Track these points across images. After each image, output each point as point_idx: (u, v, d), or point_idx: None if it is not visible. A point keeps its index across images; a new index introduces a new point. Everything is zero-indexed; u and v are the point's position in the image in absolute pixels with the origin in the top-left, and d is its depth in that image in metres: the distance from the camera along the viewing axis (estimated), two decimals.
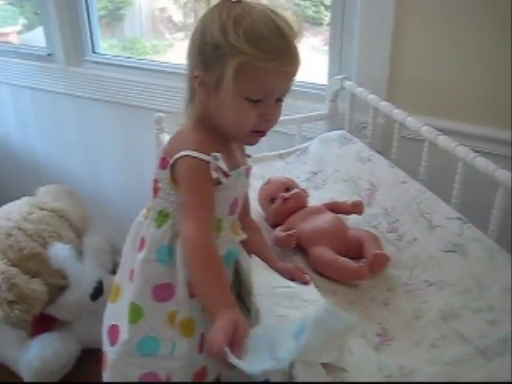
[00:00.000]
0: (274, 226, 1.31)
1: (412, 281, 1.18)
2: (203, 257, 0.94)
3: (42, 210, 1.96)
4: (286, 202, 1.29)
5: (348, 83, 1.62)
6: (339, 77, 1.65)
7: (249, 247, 1.15)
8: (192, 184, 0.98)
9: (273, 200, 1.32)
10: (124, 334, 1.08)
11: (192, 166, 0.98)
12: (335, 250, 1.20)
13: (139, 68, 2.14)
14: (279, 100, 1.02)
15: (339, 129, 1.68)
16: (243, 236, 1.12)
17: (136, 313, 1.07)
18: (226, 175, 0.98)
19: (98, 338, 2.10)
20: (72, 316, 2.04)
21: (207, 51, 0.97)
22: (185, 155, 0.98)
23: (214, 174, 0.96)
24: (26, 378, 1.95)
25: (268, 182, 1.36)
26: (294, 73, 1.00)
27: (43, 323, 2.00)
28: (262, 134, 1.04)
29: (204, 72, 0.99)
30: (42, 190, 2.08)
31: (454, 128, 1.48)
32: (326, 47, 1.80)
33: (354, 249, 1.22)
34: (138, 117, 2.17)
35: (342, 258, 1.17)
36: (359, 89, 1.58)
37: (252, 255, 1.14)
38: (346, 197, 1.41)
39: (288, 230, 1.24)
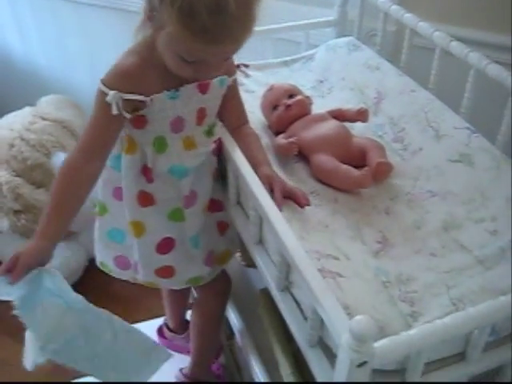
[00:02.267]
0: (277, 133, 1.28)
1: (415, 191, 1.16)
2: (62, 181, 1.02)
3: (45, 120, 1.94)
4: (288, 108, 1.25)
5: None
6: None
7: (243, 154, 1.12)
8: (92, 114, 1.04)
9: (275, 107, 1.28)
10: (96, 224, 1.27)
11: (97, 97, 1.02)
12: (338, 158, 1.17)
13: None
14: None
15: (348, 36, 1.61)
16: (203, 149, 1.14)
17: (102, 208, 1.23)
18: (144, 103, 1.02)
19: None
20: (78, 226, 2.06)
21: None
22: (99, 87, 1.01)
23: (114, 111, 0.99)
24: None
25: (271, 89, 1.31)
26: (233, 48, 0.96)
27: None
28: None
29: (151, 9, 0.94)
30: (44, 100, 2.05)
31: (469, 36, 1.40)
32: None
33: (358, 157, 1.19)
34: None
35: (345, 166, 1.15)
36: None
37: None
38: (351, 105, 1.36)
39: (290, 138, 1.21)
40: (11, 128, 1.91)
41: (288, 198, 1.05)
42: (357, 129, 1.30)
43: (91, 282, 2.10)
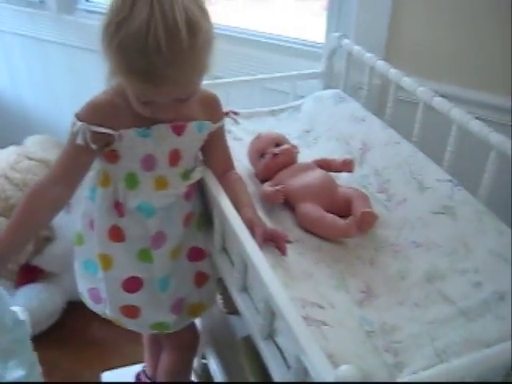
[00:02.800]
0: (264, 181, 1.29)
1: (399, 241, 1.17)
2: (25, 202, 1.05)
3: (30, 159, 1.94)
4: (275, 157, 1.27)
5: (345, 41, 1.58)
6: (337, 34, 1.61)
7: (229, 197, 1.12)
8: (65, 144, 1.08)
9: (262, 155, 1.29)
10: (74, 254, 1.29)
11: (70, 129, 1.05)
12: (324, 207, 1.18)
13: None
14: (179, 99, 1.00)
15: (333, 88, 1.65)
16: (175, 191, 1.14)
17: (79, 238, 1.25)
18: (112, 138, 1.04)
19: None
20: (58, 267, 2.03)
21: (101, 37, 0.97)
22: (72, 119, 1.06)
23: (79, 140, 1.02)
24: None
25: (258, 137, 1.33)
26: (179, 90, 0.97)
27: (29, 274, 1.99)
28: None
29: None
30: (30, 140, 2.05)
31: (451, 92, 1.45)
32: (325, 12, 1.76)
33: (343, 207, 1.20)
34: None
35: (330, 215, 1.16)
36: (356, 47, 1.54)
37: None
38: (337, 156, 1.38)
39: (276, 186, 1.22)
40: None
41: (270, 241, 1.05)
42: (342, 179, 1.32)
43: (69, 325, 2.07)
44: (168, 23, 0.89)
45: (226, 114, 1.21)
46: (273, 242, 1.05)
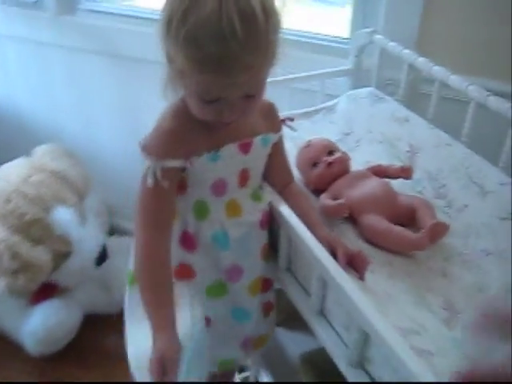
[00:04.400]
0: (315, 191, 1.23)
1: (468, 250, 1.12)
2: (147, 265, 0.95)
3: (42, 171, 1.83)
4: (330, 166, 1.21)
5: (378, 37, 1.52)
6: (367, 30, 1.55)
7: (295, 212, 1.06)
8: (140, 185, 0.97)
9: (315, 164, 1.23)
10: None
11: (144, 170, 0.95)
12: (386, 218, 1.13)
13: (139, 17, 1.98)
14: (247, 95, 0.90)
15: (362, 86, 1.59)
16: (249, 217, 1.06)
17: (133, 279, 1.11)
18: (183, 169, 0.97)
19: (100, 302, 2.05)
20: (74, 281, 1.95)
21: (163, 38, 0.88)
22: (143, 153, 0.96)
23: (152, 179, 0.93)
24: (29, 346, 1.87)
25: (308, 146, 1.26)
26: (249, 81, 0.87)
27: (45, 290, 1.90)
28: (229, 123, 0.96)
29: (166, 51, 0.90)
30: (39, 151, 1.94)
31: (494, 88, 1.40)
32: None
33: (405, 216, 1.15)
34: (137, 70, 2.02)
35: (398, 227, 1.10)
36: (391, 43, 1.48)
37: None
38: (383, 159, 1.33)
39: (334, 197, 1.16)
40: (7, 181, 1.79)
41: (350, 264, 0.99)
42: (394, 185, 1.26)
43: (86, 339, 2.00)
44: (241, 5, 0.80)
45: (282, 121, 1.14)
46: (352, 265, 0.99)
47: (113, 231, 2.29)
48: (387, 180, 1.22)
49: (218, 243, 1.04)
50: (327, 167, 1.21)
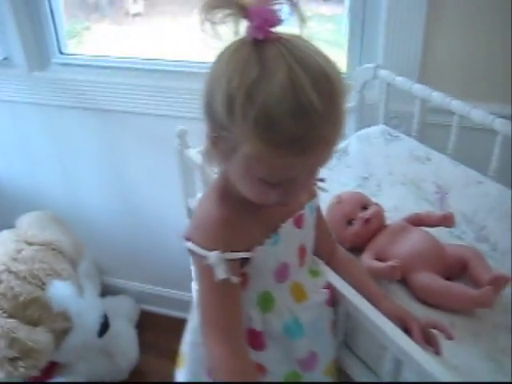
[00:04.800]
0: (351, 249, 1.15)
1: None
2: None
3: (31, 244, 1.68)
4: (367, 223, 1.13)
5: (383, 72, 1.46)
6: (371, 65, 1.48)
7: (348, 282, 0.98)
8: (201, 288, 0.86)
9: (350, 221, 1.15)
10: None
11: (200, 267, 0.84)
12: (436, 273, 1.05)
13: (114, 67, 1.87)
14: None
15: (367, 122, 1.52)
16: (315, 297, 0.96)
17: None
18: (246, 259, 0.85)
19: (104, 371, 1.91)
20: (77, 357, 1.80)
21: (214, 117, 0.75)
22: (190, 249, 0.84)
23: (221, 275, 0.81)
24: None
25: (340, 201, 1.17)
26: (325, 155, 0.77)
27: (46, 371, 1.75)
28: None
29: (214, 134, 0.77)
30: (24, 220, 1.79)
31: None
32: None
33: (455, 268, 1.08)
34: (118, 123, 1.90)
35: (456, 285, 1.03)
36: (399, 78, 1.42)
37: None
38: (411, 203, 1.27)
39: (378, 257, 1.08)
40: None
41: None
42: (433, 232, 1.19)
43: None
44: (314, 76, 0.70)
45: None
46: (427, 341, 0.90)
47: (105, 290, 2.16)
48: (430, 230, 1.14)
49: (291, 333, 0.93)
50: (364, 224, 1.13)
